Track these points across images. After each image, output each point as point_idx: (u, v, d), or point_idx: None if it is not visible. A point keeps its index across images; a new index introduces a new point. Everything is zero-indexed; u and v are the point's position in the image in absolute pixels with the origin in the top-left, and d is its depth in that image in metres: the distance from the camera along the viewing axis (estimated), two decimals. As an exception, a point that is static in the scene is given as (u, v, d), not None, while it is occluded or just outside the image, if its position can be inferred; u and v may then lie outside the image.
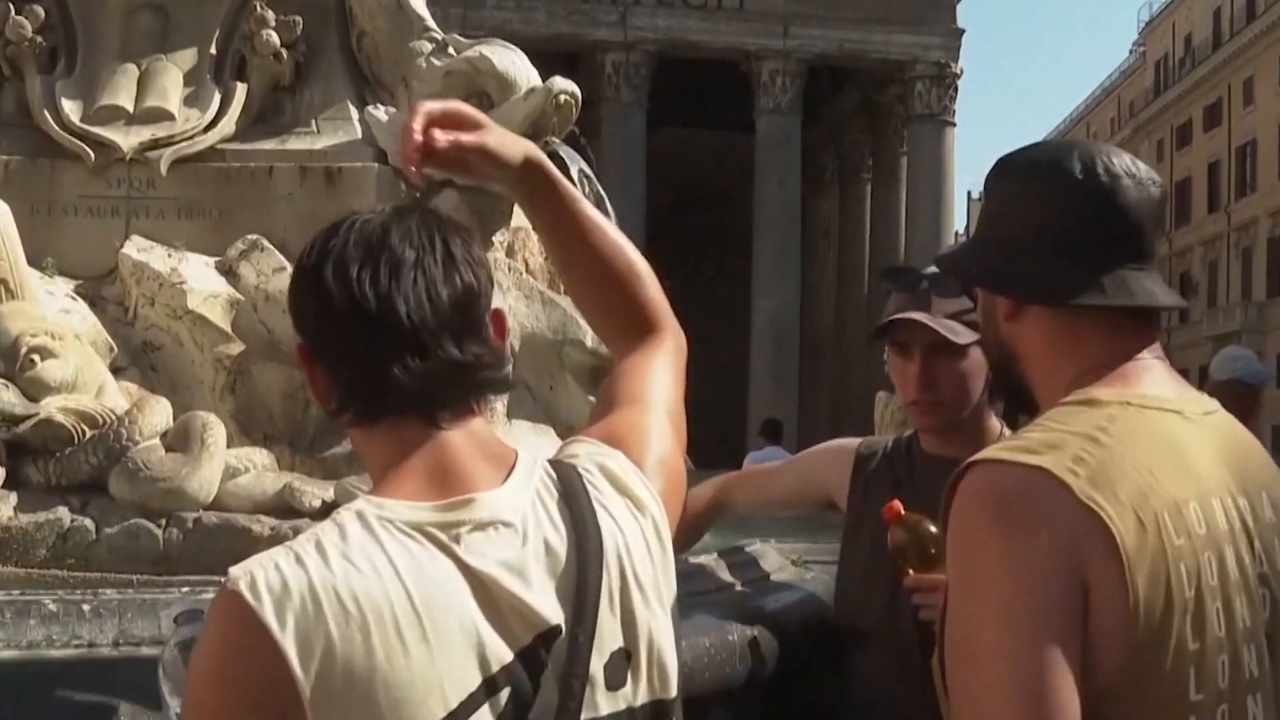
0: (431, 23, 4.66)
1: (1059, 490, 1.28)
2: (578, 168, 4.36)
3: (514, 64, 4.39)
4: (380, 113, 4.47)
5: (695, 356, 1.68)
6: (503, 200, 4.20)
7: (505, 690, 1.19)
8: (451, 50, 4.52)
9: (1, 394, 3.52)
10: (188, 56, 4.60)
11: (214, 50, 4.62)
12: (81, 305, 4.11)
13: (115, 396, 3.80)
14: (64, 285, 4.17)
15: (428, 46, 4.54)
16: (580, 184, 4.26)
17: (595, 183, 4.46)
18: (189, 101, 4.52)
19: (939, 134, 29.04)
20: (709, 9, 28.37)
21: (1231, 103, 42.19)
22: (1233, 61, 41.95)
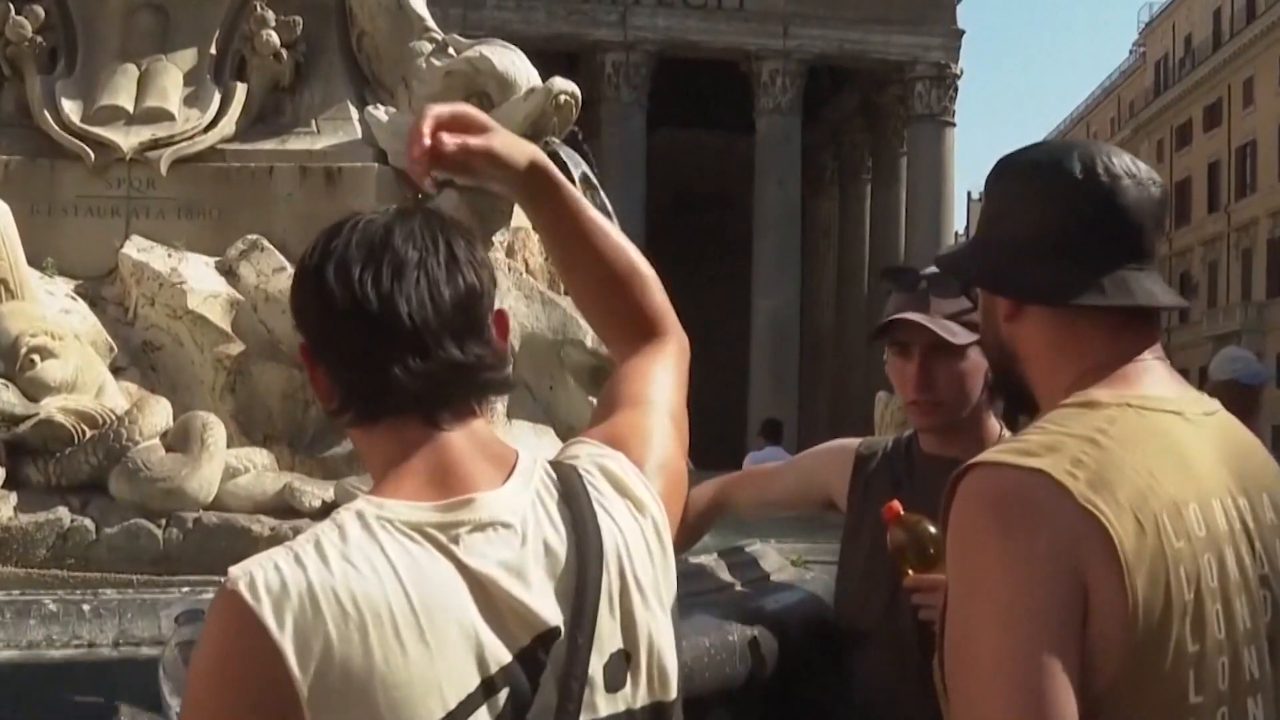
0: (431, 23, 4.66)
1: (1058, 493, 1.28)
2: (579, 169, 4.36)
3: (514, 64, 4.39)
4: (380, 113, 4.46)
5: (695, 357, 1.68)
6: (503, 200, 4.19)
7: (504, 691, 1.19)
8: (451, 50, 4.52)
9: (1, 394, 3.52)
10: (188, 56, 4.60)
11: (214, 50, 4.62)
12: (81, 305, 4.11)
13: (115, 396, 3.80)
14: (64, 285, 4.17)
15: (428, 47, 4.54)
16: (580, 185, 4.26)
17: (596, 186, 4.45)
18: (189, 101, 4.52)
19: (939, 134, 29.06)
20: (709, 9, 28.38)
21: (1231, 103, 42.18)
22: (1233, 62, 41.94)
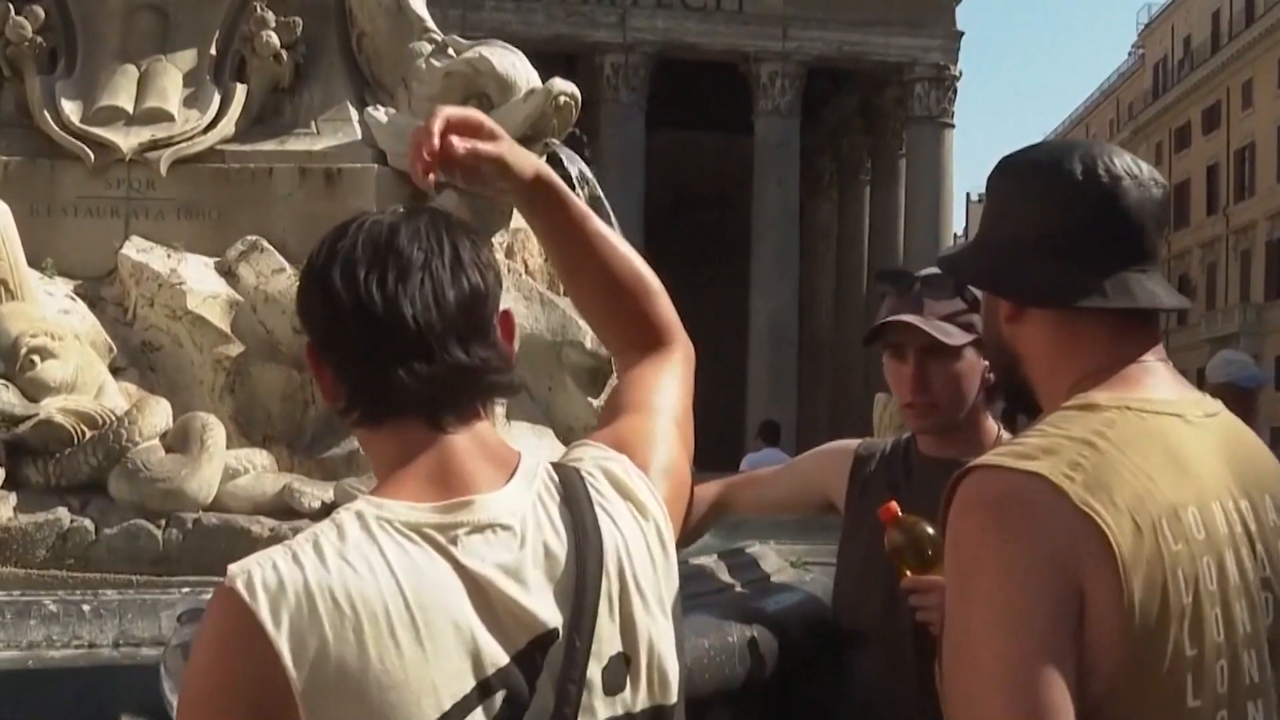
0: (431, 24, 4.65)
1: (1055, 496, 1.28)
2: (578, 169, 4.36)
3: (514, 65, 4.39)
4: (380, 114, 4.46)
5: (695, 357, 1.68)
6: (502, 201, 4.19)
7: (500, 693, 1.19)
8: (451, 51, 4.51)
9: (1, 394, 3.52)
10: (187, 57, 4.60)
11: (214, 51, 4.62)
12: (81, 306, 4.10)
13: (115, 397, 3.80)
14: (63, 286, 4.16)
15: (427, 48, 4.54)
16: (580, 187, 4.26)
17: (595, 185, 4.46)
18: (189, 102, 4.52)
19: (938, 136, 29.06)
20: (708, 11, 28.38)
21: (1230, 105, 42.19)
22: (1231, 64, 41.95)
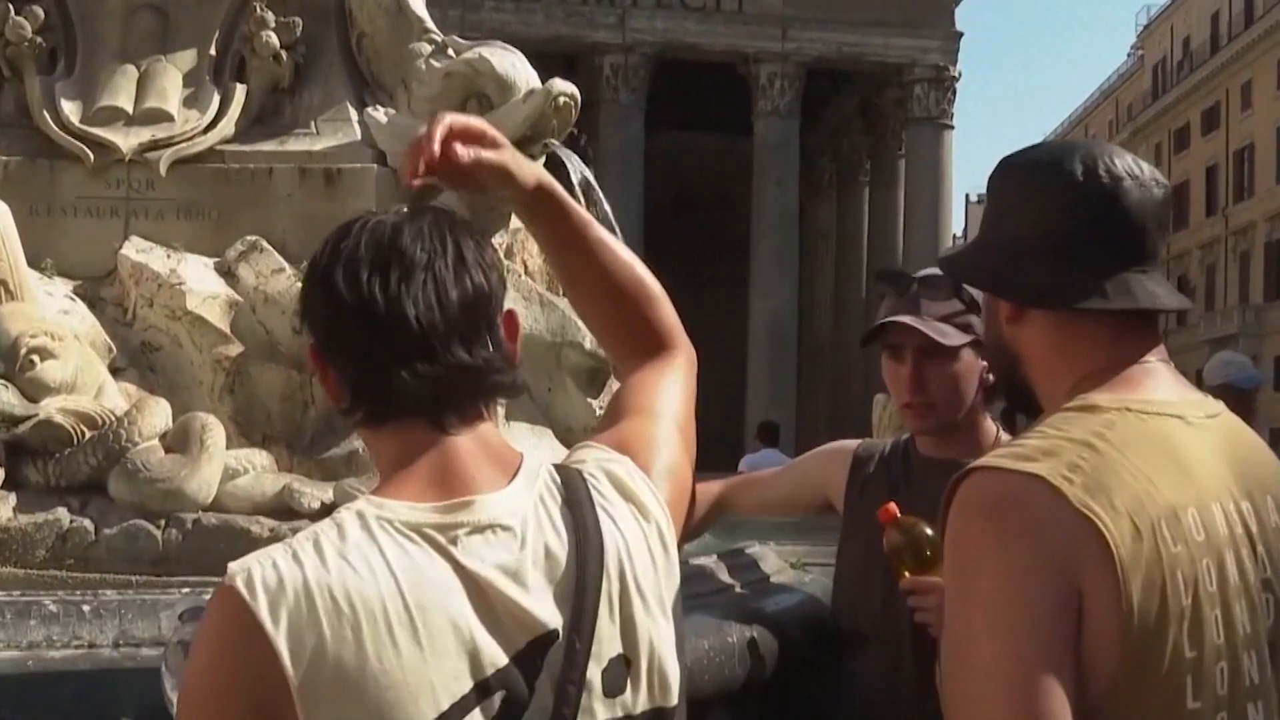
0: (431, 25, 4.65)
1: (1054, 498, 1.28)
2: (577, 170, 4.36)
3: (513, 66, 4.39)
4: (380, 114, 4.46)
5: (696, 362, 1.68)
6: (501, 202, 4.18)
7: (498, 694, 1.19)
8: (451, 52, 4.51)
9: (1, 394, 3.52)
10: (187, 57, 4.60)
11: (213, 51, 4.62)
12: (80, 306, 4.10)
13: (114, 397, 3.80)
14: (63, 286, 4.16)
15: (427, 48, 4.54)
16: (579, 188, 4.26)
17: (594, 186, 4.46)
18: (188, 103, 4.52)
19: (937, 137, 29.08)
20: (707, 11, 28.38)
21: (1229, 106, 42.22)
22: (1231, 65, 41.98)
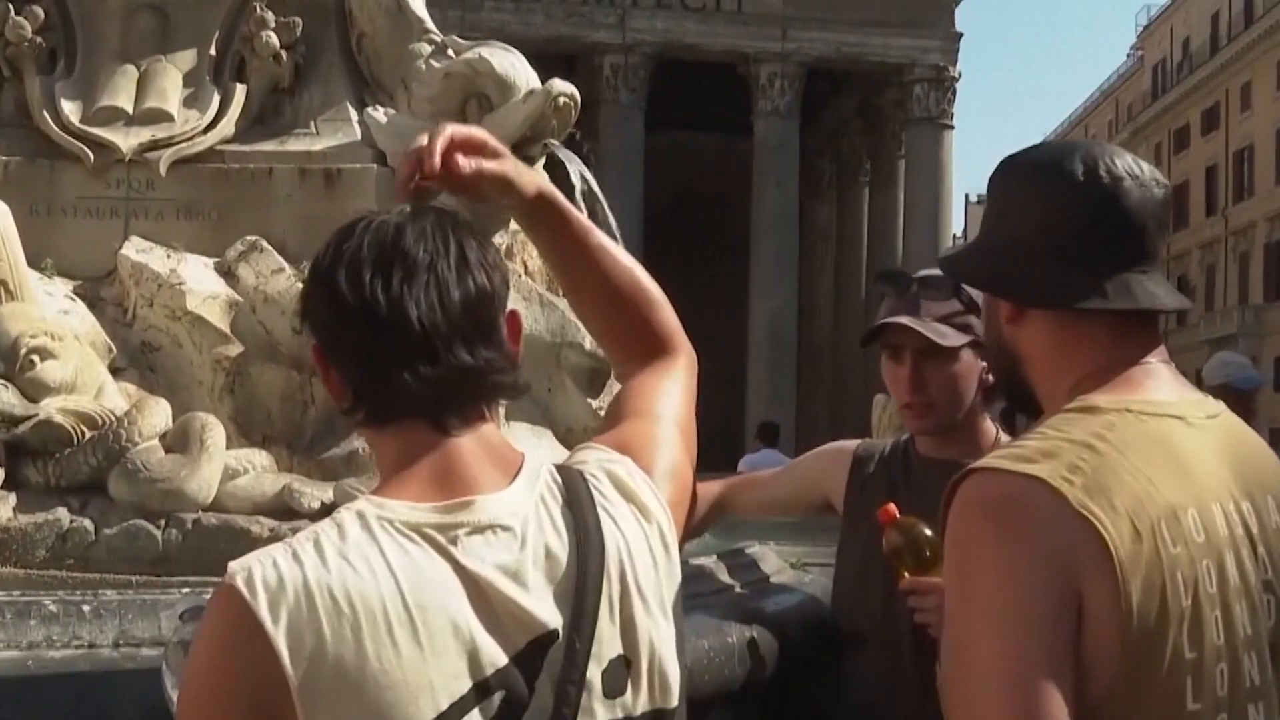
0: (431, 25, 4.65)
1: (1054, 499, 1.28)
2: (577, 171, 4.36)
3: (513, 66, 4.39)
4: (380, 114, 4.46)
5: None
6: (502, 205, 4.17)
7: (498, 694, 1.19)
8: (451, 52, 4.51)
9: (1, 395, 3.52)
10: (187, 58, 4.60)
11: (213, 51, 4.62)
12: (80, 306, 4.10)
13: (114, 397, 3.80)
14: (63, 286, 4.16)
15: (427, 48, 4.54)
16: (579, 188, 4.26)
17: (594, 186, 4.46)
18: (188, 103, 4.52)
19: (937, 137, 29.08)
20: (707, 11, 28.39)
21: (1229, 107, 42.23)
22: (1230, 66, 41.99)
